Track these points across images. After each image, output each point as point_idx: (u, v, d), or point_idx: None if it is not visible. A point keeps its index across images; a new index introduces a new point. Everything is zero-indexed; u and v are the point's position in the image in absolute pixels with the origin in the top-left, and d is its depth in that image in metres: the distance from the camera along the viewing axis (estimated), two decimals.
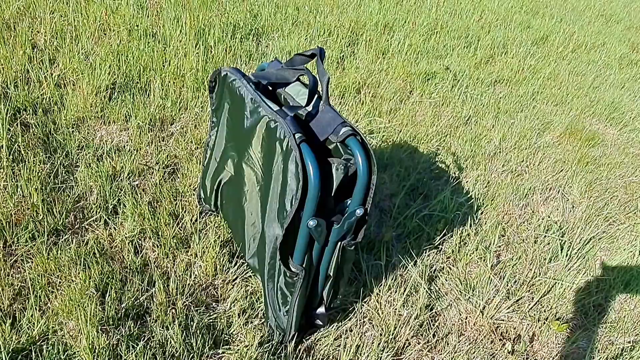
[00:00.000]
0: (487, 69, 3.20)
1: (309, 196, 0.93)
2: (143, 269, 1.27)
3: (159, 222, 1.40)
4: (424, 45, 3.23)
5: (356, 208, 1.00)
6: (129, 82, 1.98)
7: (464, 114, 2.47)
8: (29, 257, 1.23)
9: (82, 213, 1.39)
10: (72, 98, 1.81)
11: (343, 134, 0.99)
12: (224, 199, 1.37)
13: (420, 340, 1.20)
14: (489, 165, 2.09)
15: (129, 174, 1.55)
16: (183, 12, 2.63)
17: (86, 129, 1.71)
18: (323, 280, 1.10)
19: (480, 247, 1.55)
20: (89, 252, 1.26)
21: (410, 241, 1.51)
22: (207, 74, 2.15)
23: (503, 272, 1.48)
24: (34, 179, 1.42)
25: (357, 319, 1.23)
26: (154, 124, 1.81)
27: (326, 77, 1.03)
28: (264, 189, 1.09)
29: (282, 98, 1.18)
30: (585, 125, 2.71)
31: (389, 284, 1.33)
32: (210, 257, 1.31)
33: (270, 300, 1.11)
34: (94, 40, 2.22)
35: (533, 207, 1.86)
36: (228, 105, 1.23)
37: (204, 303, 1.22)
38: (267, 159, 1.05)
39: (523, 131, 2.43)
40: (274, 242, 1.05)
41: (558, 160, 2.24)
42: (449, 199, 1.70)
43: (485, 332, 1.26)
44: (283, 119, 0.99)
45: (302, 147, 0.94)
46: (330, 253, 1.06)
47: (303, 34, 2.87)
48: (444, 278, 1.42)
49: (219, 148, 1.32)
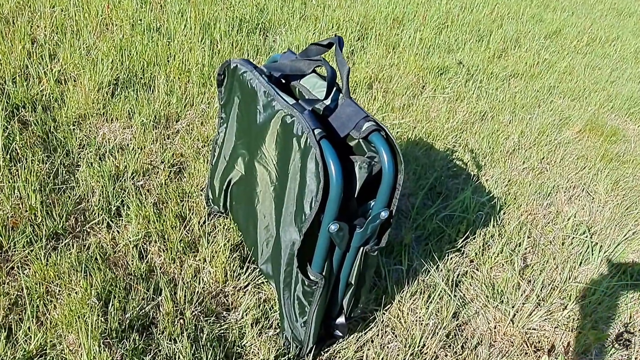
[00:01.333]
0: (501, 63, 3.10)
1: (330, 198, 0.85)
2: (148, 276, 1.19)
3: (164, 224, 1.32)
4: (435, 40, 3.13)
5: (381, 210, 0.91)
6: (132, 77, 1.90)
7: (479, 110, 2.38)
8: (26, 264, 1.15)
9: (84, 215, 1.31)
10: (73, 94, 1.73)
11: (366, 129, 0.90)
12: (233, 200, 1.28)
13: (448, 352, 1.12)
14: (509, 162, 1.99)
15: (133, 173, 1.47)
16: (188, 6, 2.54)
17: (88, 127, 1.63)
18: (343, 288, 1.02)
19: (505, 250, 1.45)
20: (91, 258, 1.18)
21: (431, 244, 1.42)
22: (214, 69, 2.06)
23: (531, 276, 1.38)
24: (33, 179, 1.34)
25: (379, 329, 1.15)
26: (158, 121, 1.72)
27: (346, 68, 0.94)
28: (279, 190, 1.01)
29: (297, 91, 1.09)
30: (605, 120, 2.61)
31: (411, 290, 1.24)
32: (220, 262, 1.23)
33: (287, 310, 1.02)
34: (95, 34, 2.13)
35: (557, 207, 1.76)
36: (238, 99, 1.14)
37: (214, 312, 1.13)
38: (282, 157, 0.97)
39: (542, 127, 2.33)
40: (291, 247, 0.96)
41: (580, 157, 2.14)
42: (470, 199, 1.61)
43: (517, 342, 1.17)
44: (300, 113, 0.90)
45: (323, 144, 0.85)
46: (351, 259, 0.97)
47: (311, 28, 2.78)
48: (468, 283, 1.33)
49: (229, 145, 1.23)
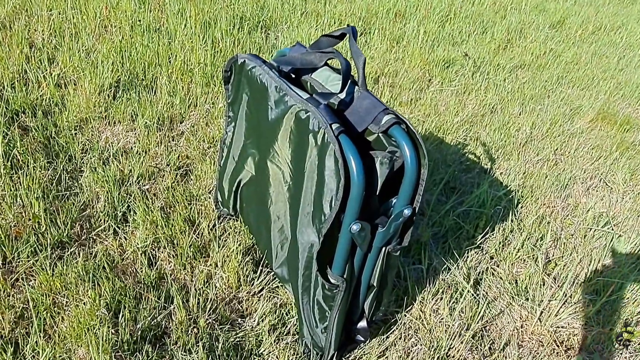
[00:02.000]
0: (507, 54, 3.05)
1: (351, 196, 0.80)
2: (159, 283, 1.14)
3: (173, 229, 1.27)
4: (439, 32, 3.08)
5: (403, 208, 0.86)
6: (133, 79, 1.85)
7: (488, 102, 2.32)
8: (32, 275, 1.10)
9: (89, 222, 1.27)
10: (74, 98, 1.69)
11: (385, 122, 0.85)
12: (244, 201, 1.23)
13: (476, 354, 1.07)
14: (522, 154, 1.94)
15: (138, 177, 1.42)
16: (187, 5, 2.50)
17: (90, 131, 1.58)
18: (365, 291, 0.97)
19: (526, 245, 1.40)
20: (98, 267, 1.14)
21: (450, 241, 1.37)
22: (216, 68, 2.02)
23: (555, 271, 1.33)
24: (35, 186, 1.29)
25: (401, 332, 1.10)
26: (162, 122, 1.68)
27: (362, 59, 0.89)
28: (294, 190, 0.96)
29: (309, 86, 1.04)
30: (617, 109, 2.55)
31: (432, 290, 1.19)
32: (232, 266, 1.18)
33: (306, 316, 0.98)
34: (94, 37, 2.09)
35: (575, 199, 1.71)
36: (247, 96, 1.09)
37: (229, 320, 1.08)
38: (297, 154, 0.92)
39: (553, 117, 2.28)
40: (309, 250, 0.91)
41: (595, 146, 2.08)
42: (486, 193, 1.56)
43: (546, 341, 1.12)
44: (315, 108, 0.85)
45: (342, 139, 0.80)
46: (373, 260, 0.92)
47: (313, 24, 2.73)
48: (490, 281, 1.28)
49: (237, 145, 1.18)
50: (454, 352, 1.05)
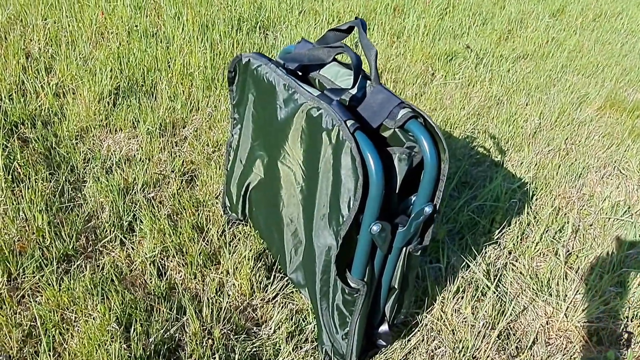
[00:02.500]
0: (508, 45, 3.01)
1: (370, 196, 0.76)
2: (170, 294, 1.10)
3: (181, 237, 1.23)
4: (439, 25, 3.04)
5: (424, 205, 0.82)
6: (133, 85, 1.81)
7: (494, 93, 2.28)
8: (38, 291, 1.06)
9: (95, 234, 1.23)
10: (73, 107, 1.65)
11: (402, 117, 0.81)
12: (253, 205, 1.19)
13: (502, 354, 1.02)
14: (532, 145, 1.90)
15: (143, 185, 1.38)
16: (183, 9, 2.46)
17: (91, 140, 1.54)
18: (386, 293, 0.93)
19: (545, 238, 1.36)
20: (106, 279, 1.10)
21: (466, 237, 1.33)
22: (216, 71, 1.98)
23: (577, 264, 1.29)
24: (37, 199, 1.26)
25: (423, 334, 1.06)
26: (164, 128, 1.64)
27: (373, 51, 0.85)
28: (307, 191, 0.92)
29: (317, 83, 1.00)
30: (625, 95, 2.51)
31: (451, 289, 1.15)
32: (245, 273, 1.14)
33: (325, 322, 0.94)
34: (91, 44, 2.05)
35: (590, 188, 1.67)
36: (253, 96, 1.05)
37: (244, 329, 1.04)
38: (310, 154, 0.88)
39: (561, 107, 2.23)
40: (326, 254, 0.87)
41: (605, 134, 2.04)
42: (500, 187, 1.52)
43: (575, 338, 1.08)
44: (328, 104, 0.81)
45: (358, 136, 0.76)
46: (394, 261, 0.88)
47: (312, 23, 2.69)
48: (511, 276, 1.24)
49: (244, 148, 1.14)
50: (480, 354, 1.01)
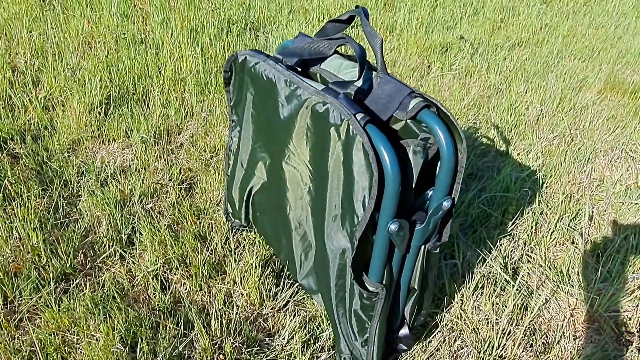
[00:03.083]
0: (502, 33, 2.97)
1: (387, 193, 0.71)
2: (175, 309, 1.05)
3: (184, 248, 1.18)
4: (430, 17, 3.00)
5: (442, 200, 0.77)
6: (124, 94, 1.76)
7: (492, 83, 2.24)
8: (36, 313, 1.01)
9: (93, 250, 1.17)
10: (63, 119, 1.59)
11: (414, 107, 0.76)
12: (257, 210, 1.14)
13: (530, 352, 0.98)
14: (536, 132, 1.86)
15: (141, 196, 1.33)
16: (171, 14, 2.40)
17: (84, 152, 1.49)
18: (405, 295, 0.88)
19: (559, 226, 1.32)
20: (108, 297, 1.04)
21: (480, 230, 1.29)
22: (209, 75, 1.93)
23: (597, 252, 1.25)
24: (31, 217, 1.20)
25: (443, 335, 1.01)
26: (159, 136, 1.58)
27: (378, 40, 0.80)
28: (316, 192, 0.87)
29: (319, 78, 0.95)
30: (623, 77, 2.48)
31: (469, 286, 1.11)
32: (253, 281, 1.09)
33: (342, 329, 0.89)
34: (78, 54, 1.99)
35: (600, 173, 1.63)
36: (251, 96, 1.00)
37: (256, 340, 0.99)
38: (317, 153, 0.83)
39: (561, 92, 2.20)
40: (340, 257, 0.82)
41: (609, 117, 2.00)
42: (509, 177, 1.47)
43: (603, 329, 1.04)
44: (334, 98, 0.76)
45: (370, 130, 0.71)
46: (412, 261, 0.83)
47: (302, 21, 2.64)
48: (528, 268, 1.20)
49: (245, 151, 1.09)
50: (506, 352, 0.96)
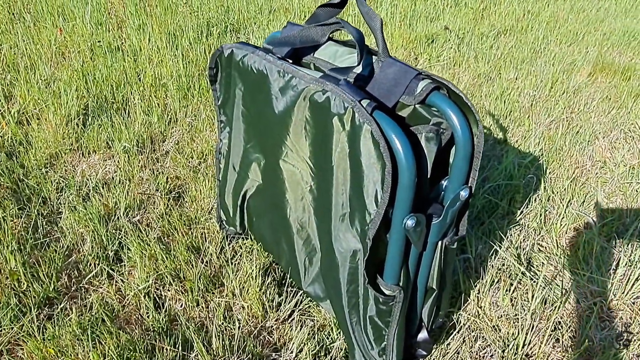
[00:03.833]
0: (486, 22, 2.94)
1: (401, 185, 0.64)
2: (171, 328, 0.96)
3: (176, 261, 1.09)
4: (412, 10, 2.96)
5: (459, 189, 0.71)
6: (102, 103, 1.67)
7: (482, 71, 2.20)
8: (18, 344, 0.92)
9: (77, 270, 1.08)
10: (39, 133, 1.50)
11: (422, 90, 0.70)
12: (253, 215, 1.07)
13: (558, 348, 0.92)
14: (532, 118, 1.81)
15: (126, 209, 1.24)
16: (148, 20, 2.32)
17: (63, 166, 1.39)
18: (422, 295, 0.81)
19: (568, 212, 1.27)
20: (97, 320, 0.96)
21: (489, 221, 1.22)
22: (191, 78, 1.84)
23: (609, 236, 1.20)
24: (8, 239, 1.11)
25: (463, 335, 0.94)
26: (142, 145, 1.50)
27: (378, 20, 0.74)
28: (319, 191, 0.80)
29: (313, 67, 0.88)
30: (611, 59, 2.45)
31: (484, 281, 1.04)
32: (253, 292, 1.01)
33: (357, 338, 0.81)
34: (52, 65, 1.89)
35: (601, 155, 1.59)
36: (241, 92, 0.93)
37: (262, 356, 0.91)
38: (318, 147, 0.76)
39: (552, 76, 2.16)
40: (351, 260, 0.75)
41: (604, 98, 1.97)
42: (512, 165, 1.42)
43: (629, 316, 0.98)
44: (335, 85, 0.69)
45: (378, 117, 0.64)
46: (429, 258, 0.77)
47: (284, 20, 2.57)
48: (543, 258, 1.14)
49: (237, 152, 1.01)
50: (533, 350, 0.90)
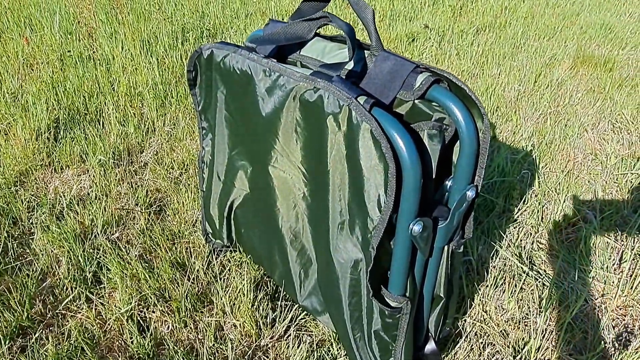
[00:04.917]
0: (465, 19, 2.94)
1: (406, 187, 0.59)
2: (158, 353, 0.89)
3: (160, 280, 1.02)
4: (391, 10, 2.93)
5: (465, 189, 0.66)
6: (74, 115, 1.58)
7: (465, 68, 2.17)
8: None
9: (53, 295, 1.00)
10: (7, 150, 1.41)
11: (421, 84, 0.64)
12: (241, 226, 1.00)
13: (570, 350, 0.87)
14: (519, 112, 1.79)
15: (104, 226, 1.16)
16: (119, 28, 2.23)
17: (34, 184, 1.31)
18: (429, 304, 0.76)
19: (567, 206, 1.23)
20: (76, 349, 0.88)
21: (486, 220, 1.18)
22: (168, 86, 1.77)
23: (611, 229, 1.16)
24: None
25: (470, 342, 0.89)
26: (119, 157, 1.42)
27: (369, 11, 0.68)
28: (314, 198, 0.74)
29: (300, 66, 0.82)
30: (591, 51, 2.46)
31: (487, 283, 1.00)
32: (245, 308, 0.94)
33: (361, 354, 0.75)
34: (20, 77, 1.80)
35: (591, 147, 1.56)
36: (223, 95, 0.86)
37: None
38: (311, 150, 0.70)
39: (535, 70, 2.15)
40: (352, 271, 0.69)
41: (588, 90, 1.96)
42: (505, 161, 1.38)
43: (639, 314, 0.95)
44: (328, 82, 0.64)
45: (377, 114, 0.59)
46: (436, 264, 0.71)
47: (262, 24, 2.51)
48: (544, 256, 1.10)
49: (221, 161, 0.95)
50: (545, 355, 0.85)
